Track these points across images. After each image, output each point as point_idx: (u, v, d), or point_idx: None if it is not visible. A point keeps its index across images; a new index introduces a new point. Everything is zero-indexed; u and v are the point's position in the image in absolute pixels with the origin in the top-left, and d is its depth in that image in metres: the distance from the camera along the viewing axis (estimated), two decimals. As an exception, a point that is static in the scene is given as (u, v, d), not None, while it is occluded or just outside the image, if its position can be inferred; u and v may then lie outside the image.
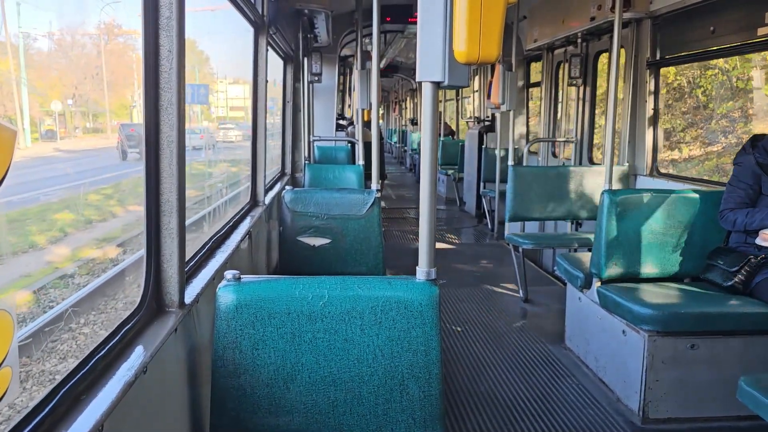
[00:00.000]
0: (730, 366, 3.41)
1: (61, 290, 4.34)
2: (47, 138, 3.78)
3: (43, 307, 4.03)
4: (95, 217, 5.03)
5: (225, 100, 7.52)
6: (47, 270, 4.36)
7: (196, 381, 2.21)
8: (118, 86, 4.60)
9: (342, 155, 8.65)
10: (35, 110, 3.25)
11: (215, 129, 7.44)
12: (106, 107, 4.30)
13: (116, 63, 4.51)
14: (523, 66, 9.29)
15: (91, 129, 4.67)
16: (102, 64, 4.08)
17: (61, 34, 3.16)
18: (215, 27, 4.09)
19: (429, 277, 1.99)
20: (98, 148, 5.43)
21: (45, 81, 3.68)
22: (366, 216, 3.97)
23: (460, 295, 5.94)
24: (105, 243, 5.07)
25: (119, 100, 4.59)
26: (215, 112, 7.77)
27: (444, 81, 1.80)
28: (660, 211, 3.91)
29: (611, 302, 3.72)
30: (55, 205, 4.56)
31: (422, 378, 1.99)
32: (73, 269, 4.60)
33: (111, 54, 4.09)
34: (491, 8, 1.65)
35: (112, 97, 4.47)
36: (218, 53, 5.13)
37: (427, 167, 1.92)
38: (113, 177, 5.71)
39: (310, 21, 7.08)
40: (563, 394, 3.85)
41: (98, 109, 4.61)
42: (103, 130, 5.05)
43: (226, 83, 7.33)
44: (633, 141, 5.84)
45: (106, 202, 5.08)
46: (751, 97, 6.89)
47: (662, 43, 5.57)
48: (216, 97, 7.43)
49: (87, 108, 4.22)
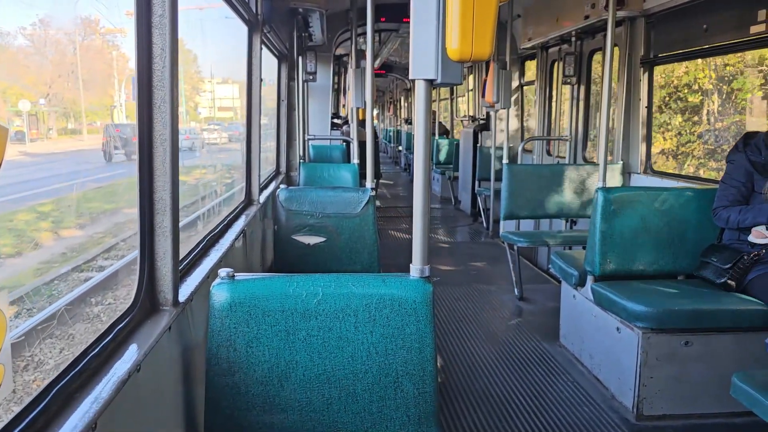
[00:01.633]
0: (723, 363, 3.43)
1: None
2: (16, 140, 3.52)
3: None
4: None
5: (212, 100, 7.46)
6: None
7: (190, 379, 2.20)
8: (96, 85, 4.23)
9: (337, 154, 8.65)
10: (2, 111, 3.06)
11: (199, 131, 7.33)
12: (82, 107, 3.91)
13: (95, 60, 4.18)
14: (517, 64, 9.30)
15: (69, 130, 4.17)
16: (77, 61, 3.82)
17: (33, 28, 3.02)
18: (204, 26, 3.98)
19: (423, 275, 1.99)
20: (71, 151, 4.40)
21: (16, 78, 3.36)
22: (361, 214, 3.97)
23: (455, 293, 5.94)
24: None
25: (100, 99, 4.28)
26: (203, 113, 7.67)
27: (437, 79, 1.81)
28: (654, 209, 3.92)
29: (606, 300, 3.73)
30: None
31: (416, 375, 2.00)
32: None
33: (89, 50, 3.89)
34: (483, 6, 1.66)
35: (92, 96, 4.12)
36: (206, 52, 5.03)
37: (420, 165, 1.93)
38: (66, 187, 4.32)
39: (305, 20, 7.08)
40: (558, 392, 3.87)
41: (78, 108, 4.06)
42: (80, 131, 4.39)
43: (214, 83, 7.28)
44: (627, 139, 5.86)
45: (33, 225, 3.78)
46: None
47: (656, 41, 5.59)
48: (204, 98, 7.32)
49: (64, 108, 3.91)
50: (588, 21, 6.14)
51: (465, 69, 10.97)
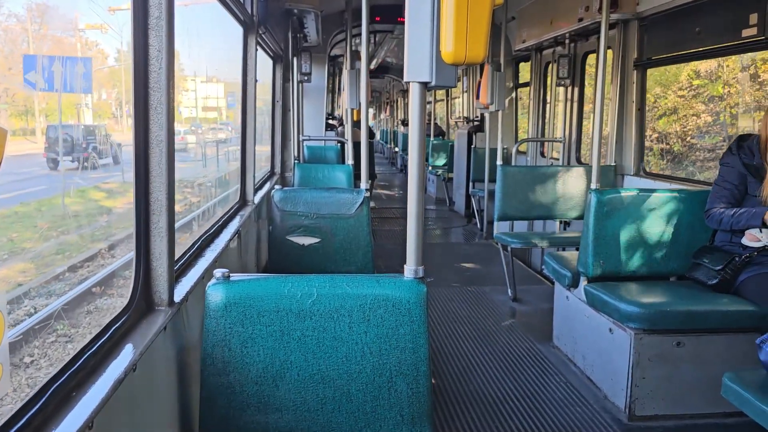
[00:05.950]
0: (715, 363, 3.45)
1: None
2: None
3: None
4: None
5: (195, 100, 7.39)
6: None
7: (186, 379, 2.21)
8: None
9: (331, 155, 8.66)
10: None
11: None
12: (35, 105, 3.51)
13: (53, 52, 3.79)
14: (511, 66, 9.33)
15: (24, 131, 3.75)
16: (29, 51, 3.49)
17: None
18: (190, 24, 3.86)
19: (417, 275, 2.01)
20: (14, 156, 3.82)
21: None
22: (355, 215, 3.99)
23: (448, 294, 5.96)
24: None
25: (65, 98, 3.91)
26: (185, 113, 7.55)
27: (431, 81, 1.83)
28: (646, 211, 3.95)
29: (598, 301, 3.75)
30: None
31: (410, 375, 2.01)
32: None
33: (44, 40, 3.59)
34: (478, 9, 1.68)
35: (53, 96, 3.73)
36: (190, 50, 4.93)
37: (415, 166, 1.94)
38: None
39: (300, 21, 7.09)
40: (551, 392, 3.89)
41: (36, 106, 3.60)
42: (34, 132, 3.90)
43: (197, 82, 7.23)
44: (620, 141, 5.90)
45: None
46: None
47: (649, 43, 5.63)
48: (186, 97, 7.20)
49: (24, 106, 3.58)
50: (582, 23, 6.17)
51: (459, 71, 10.99)
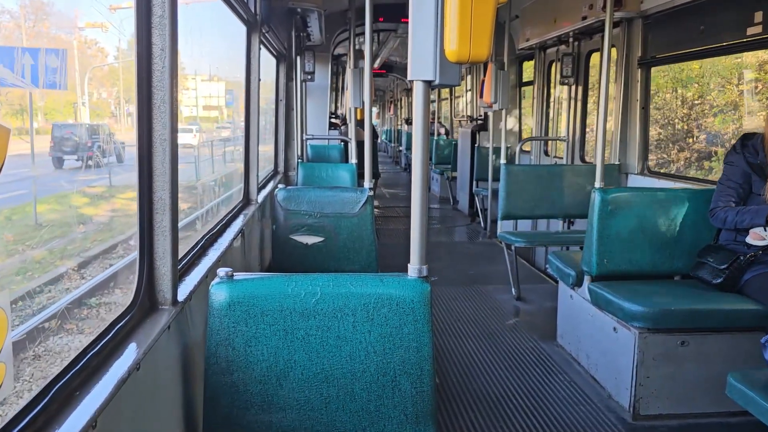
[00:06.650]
0: (719, 362, 3.44)
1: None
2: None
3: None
4: None
5: (195, 99, 7.38)
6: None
7: (189, 378, 2.22)
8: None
9: (335, 154, 8.66)
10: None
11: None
12: (29, 102, 3.49)
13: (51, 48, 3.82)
14: (515, 65, 9.32)
15: (23, 131, 3.75)
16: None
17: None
18: (192, 22, 3.86)
19: (421, 274, 2.00)
20: (15, 155, 3.66)
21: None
22: (359, 214, 3.98)
23: (452, 293, 5.96)
24: None
25: (64, 96, 3.95)
26: (185, 112, 7.52)
27: (435, 80, 1.82)
28: (650, 209, 3.94)
29: (602, 300, 3.74)
30: None
31: (414, 374, 2.01)
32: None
33: (39, 38, 3.58)
34: (481, 8, 1.67)
35: (53, 92, 3.75)
36: (191, 49, 4.93)
37: (418, 165, 1.94)
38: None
39: (303, 20, 7.09)
40: (555, 391, 3.88)
41: (34, 105, 3.61)
42: (38, 132, 3.92)
43: (197, 81, 7.22)
44: (624, 139, 5.88)
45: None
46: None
47: (653, 42, 5.61)
48: (186, 95, 7.17)
49: (19, 105, 3.57)
50: (585, 22, 6.15)
51: (463, 69, 10.97)
